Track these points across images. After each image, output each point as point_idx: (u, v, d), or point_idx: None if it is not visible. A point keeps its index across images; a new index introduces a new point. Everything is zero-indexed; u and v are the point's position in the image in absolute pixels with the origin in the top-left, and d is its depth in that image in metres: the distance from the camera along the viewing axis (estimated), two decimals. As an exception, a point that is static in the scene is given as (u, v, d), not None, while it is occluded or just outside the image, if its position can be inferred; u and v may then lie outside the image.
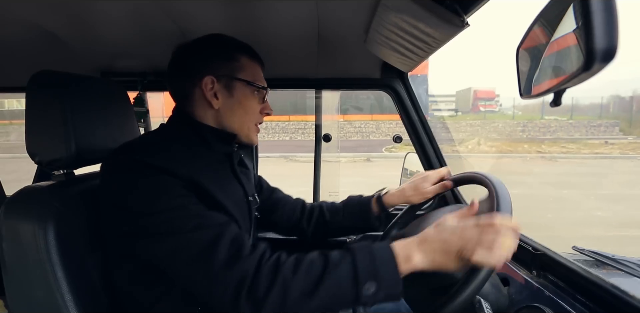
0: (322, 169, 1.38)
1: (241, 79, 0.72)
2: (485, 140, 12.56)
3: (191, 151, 0.69)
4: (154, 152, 0.62)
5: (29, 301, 0.63)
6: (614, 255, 0.75)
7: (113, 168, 0.63)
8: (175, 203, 0.58)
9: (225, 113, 0.73)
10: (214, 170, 0.71)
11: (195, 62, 0.71)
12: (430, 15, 0.67)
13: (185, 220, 0.57)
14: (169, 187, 0.59)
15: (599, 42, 0.30)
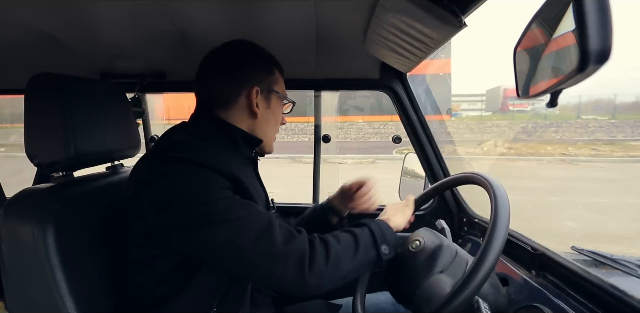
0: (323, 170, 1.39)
1: (278, 92, 0.77)
2: (502, 142, 11.92)
3: (223, 151, 0.70)
4: (192, 150, 0.63)
5: (29, 302, 0.64)
6: (612, 255, 0.75)
7: (154, 165, 0.63)
8: (223, 194, 0.60)
9: (261, 123, 0.76)
10: (243, 171, 0.72)
11: (243, 71, 0.73)
12: (428, 16, 0.67)
13: (237, 209, 0.59)
14: (214, 180, 0.60)
15: (593, 44, 0.30)
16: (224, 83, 0.73)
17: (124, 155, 0.86)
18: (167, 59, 1.16)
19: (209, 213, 0.58)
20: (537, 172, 8.30)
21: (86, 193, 0.72)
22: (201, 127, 0.73)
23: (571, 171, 8.48)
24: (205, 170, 0.60)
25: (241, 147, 0.74)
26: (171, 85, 1.29)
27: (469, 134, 14.25)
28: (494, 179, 0.69)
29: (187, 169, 0.60)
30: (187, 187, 0.59)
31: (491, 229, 0.58)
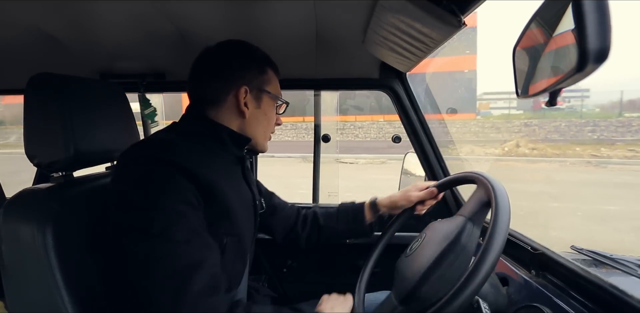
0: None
1: (269, 92, 0.76)
2: (525, 142, 11.09)
3: (208, 150, 0.69)
4: (172, 149, 0.62)
5: (28, 303, 0.64)
6: (612, 255, 0.75)
7: (126, 162, 0.63)
8: (178, 208, 0.57)
9: (251, 122, 0.75)
10: (227, 172, 0.72)
11: (233, 70, 0.72)
12: (427, 16, 0.67)
13: (181, 230, 0.56)
14: (178, 189, 0.58)
15: (592, 43, 0.30)
16: (213, 82, 0.72)
17: None
18: (167, 59, 1.16)
19: (149, 220, 0.56)
20: (553, 175, 7.91)
21: (86, 194, 0.72)
22: (189, 126, 0.73)
23: (594, 174, 7.87)
24: (172, 172, 0.59)
25: (229, 146, 0.73)
26: (171, 85, 1.29)
27: (494, 134, 13.57)
28: (494, 179, 0.69)
29: (155, 169, 0.59)
30: (145, 189, 0.58)
31: (491, 229, 0.58)
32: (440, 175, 1.23)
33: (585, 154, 9.97)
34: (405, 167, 1.40)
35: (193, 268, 0.55)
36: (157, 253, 0.55)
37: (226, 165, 0.73)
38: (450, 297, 0.55)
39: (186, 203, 0.58)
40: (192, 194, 0.60)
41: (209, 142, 0.71)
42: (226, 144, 0.73)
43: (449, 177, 0.84)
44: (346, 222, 0.94)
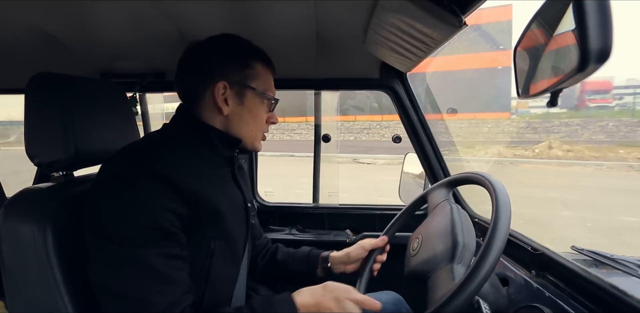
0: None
1: (253, 88, 0.71)
2: (560, 143, 10.13)
3: (195, 153, 0.68)
4: (154, 158, 0.61)
5: (29, 302, 0.64)
6: (612, 255, 0.75)
7: (107, 172, 0.62)
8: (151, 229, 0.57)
9: (233, 119, 0.72)
10: (216, 175, 0.70)
11: (210, 65, 0.69)
12: (428, 16, 0.67)
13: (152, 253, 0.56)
14: (156, 204, 0.57)
15: (594, 43, 0.30)
16: (191, 78, 0.70)
17: None
18: (167, 59, 1.16)
19: (121, 236, 0.56)
20: (581, 180, 7.07)
21: (86, 193, 0.72)
22: (177, 127, 0.71)
23: (631, 180, 7.07)
24: (152, 184, 0.57)
25: (218, 148, 0.71)
26: (171, 84, 1.28)
27: (530, 134, 12.67)
28: (494, 179, 0.69)
29: (133, 181, 0.58)
30: (122, 202, 0.57)
31: (492, 229, 0.58)
32: (441, 176, 1.23)
33: (630, 157, 8.77)
34: (406, 168, 1.40)
35: (155, 293, 0.56)
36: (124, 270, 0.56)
37: (214, 168, 0.70)
38: (450, 296, 0.55)
39: (162, 223, 0.57)
40: (172, 208, 0.58)
41: (197, 144, 0.69)
42: (215, 145, 0.70)
43: (451, 177, 0.84)
44: (299, 263, 0.89)
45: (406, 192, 1.38)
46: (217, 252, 0.66)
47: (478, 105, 13.39)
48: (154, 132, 0.73)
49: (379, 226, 1.34)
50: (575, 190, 6.22)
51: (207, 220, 0.64)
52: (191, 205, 0.61)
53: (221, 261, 0.68)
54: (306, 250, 0.91)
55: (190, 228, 0.62)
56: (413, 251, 0.75)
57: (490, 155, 9.73)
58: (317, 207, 1.41)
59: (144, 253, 0.56)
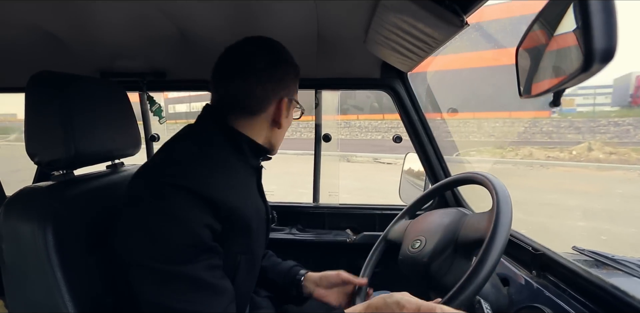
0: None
1: (297, 101, 0.73)
2: (601, 145, 9.29)
3: (226, 163, 0.65)
4: (191, 173, 0.59)
5: (29, 301, 0.63)
6: (613, 256, 0.75)
7: (142, 187, 0.60)
8: (191, 252, 0.56)
9: (280, 132, 0.73)
10: (245, 185, 0.68)
11: (280, 79, 0.68)
12: (430, 16, 0.67)
13: (195, 267, 0.56)
14: (196, 222, 0.56)
15: (598, 43, 0.30)
16: (258, 89, 0.66)
17: (125, 154, 0.86)
18: (167, 58, 1.16)
19: (165, 254, 0.55)
20: (615, 187, 6.37)
21: (87, 192, 0.71)
22: (207, 133, 0.68)
23: None
24: (191, 202, 0.56)
25: (247, 156, 0.69)
26: (172, 84, 1.29)
27: (573, 134, 11.91)
28: (495, 179, 0.69)
29: (172, 199, 0.56)
30: (163, 220, 0.55)
31: (493, 229, 0.58)
32: (441, 176, 1.23)
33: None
34: (406, 167, 1.40)
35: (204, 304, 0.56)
36: (174, 287, 0.55)
37: (243, 178, 0.69)
38: (450, 296, 0.55)
39: (202, 238, 0.57)
40: (209, 224, 0.57)
41: (227, 152, 0.67)
42: (244, 154, 0.69)
43: (452, 177, 0.84)
44: (278, 275, 0.88)
45: (406, 192, 1.38)
46: (242, 266, 0.66)
47: (513, 103, 12.20)
48: (180, 138, 0.68)
49: (379, 226, 1.34)
50: (604, 198, 5.63)
51: (237, 234, 0.63)
52: (225, 220, 0.59)
53: (244, 274, 0.67)
54: (289, 265, 0.90)
55: (222, 242, 0.61)
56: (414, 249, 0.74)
57: (520, 157, 9.05)
58: (317, 206, 1.41)
59: (190, 269, 0.55)
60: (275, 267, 0.89)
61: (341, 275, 0.83)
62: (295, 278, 0.86)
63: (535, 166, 8.49)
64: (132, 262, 0.57)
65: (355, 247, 1.27)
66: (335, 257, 1.30)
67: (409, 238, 0.78)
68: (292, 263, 0.91)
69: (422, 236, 0.74)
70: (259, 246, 0.73)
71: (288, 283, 0.86)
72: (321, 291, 0.84)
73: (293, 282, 0.86)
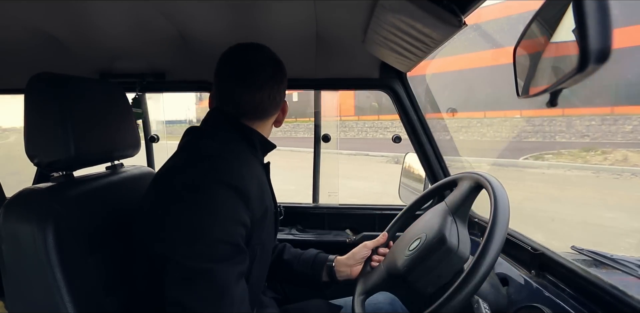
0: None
1: (285, 101, 0.79)
2: None
3: (248, 158, 0.70)
4: (225, 167, 0.63)
5: (28, 302, 0.64)
6: (612, 255, 0.75)
7: (179, 183, 0.61)
8: (233, 236, 0.59)
9: (273, 128, 0.80)
10: (261, 180, 0.72)
11: (283, 88, 0.76)
12: (428, 16, 0.67)
13: (232, 257, 0.58)
14: (237, 213, 0.59)
15: (593, 43, 0.30)
16: (272, 97, 0.73)
17: (124, 155, 0.86)
18: (166, 59, 1.16)
19: (209, 248, 0.57)
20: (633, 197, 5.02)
21: (86, 193, 0.72)
22: (222, 132, 0.70)
23: None
24: (230, 195, 0.59)
25: (258, 152, 0.74)
26: (171, 85, 1.29)
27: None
28: (493, 179, 0.69)
29: (214, 192, 0.59)
30: (206, 214, 0.57)
31: (490, 228, 0.58)
32: (440, 175, 1.23)
33: None
34: (405, 167, 1.40)
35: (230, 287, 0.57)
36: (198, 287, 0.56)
37: (259, 173, 0.72)
38: (448, 296, 0.55)
39: (235, 238, 0.59)
40: (243, 220, 0.60)
41: (243, 147, 0.71)
42: (257, 150, 0.73)
43: (451, 177, 0.84)
44: (305, 265, 0.89)
45: (406, 193, 1.38)
46: (258, 257, 0.68)
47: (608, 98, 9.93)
48: (198, 139, 0.70)
49: (379, 226, 1.34)
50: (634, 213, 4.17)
51: (260, 226, 0.66)
52: (253, 212, 0.62)
53: (259, 265, 0.69)
54: (313, 253, 0.91)
55: (249, 238, 0.63)
56: (410, 251, 0.74)
57: (610, 162, 7.21)
58: (317, 207, 1.41)
59: (220, 270, 0.57)
60: (299, 258, 0.91)
61: (367, 245, 0.88)
62: (325, 264, 0.88)
63: (625, 175, 6.24)
64: (162, 257, 0.58)
65: (355, 247, 1.27)
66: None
67: (405, 239, 0.79)
68: (314, 251, 0.93)
69: (423, 233, 0.74)
70: (271, 237, 0.76)
71: (318, 271, 0.87)
72: (357, 268, 0.87)
73: (323, 269, 0.87)
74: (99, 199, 0.74)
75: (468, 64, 11.26)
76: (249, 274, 0.66)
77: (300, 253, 0.92)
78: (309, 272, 0.88)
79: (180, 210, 0.59)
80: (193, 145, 0.69)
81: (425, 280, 0.68)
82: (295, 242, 1.29)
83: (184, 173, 0.62)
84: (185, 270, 0.56)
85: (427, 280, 0.68)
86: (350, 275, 0.86)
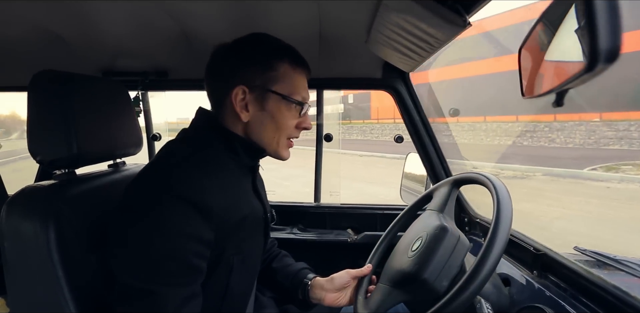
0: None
1: (276, 92, 0.65)
2: None
3: (220, 165, 0.64)
4: (184, 179, 0.57)
5: (30, 300, 0.64)
6: (615, 256, 0.75)
7: (137, 195, 0.59)
8: (181, 254, 0.56)
9: (254, 126, 0.67)
10: (239, 186, 0.68)
11: (230, 69, 0.65)
12: (432, 16, 0.67)
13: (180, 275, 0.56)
14: (190, 229, 0.56)
15: (603, 43, 0.30)
16: (214, 82, 0.68)
17: (126, 153, 0.86)
18: (169, 57, 1.16)
19: (153, 262, 0.55)
20: None
21: (88, 191, 0.72)
22: (200, 135, 0.68)
23: None
24: (185, 210, 0.55)
25: (241, 156, 0.67)
26: (174, 83, 1.29)
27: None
28: (496, 179, 0.68)
29: (166, 207, 0.55)
30: (156, 227, 0.55)
31: (493, 229, 0.58)
32: (442, 176, 1.23)
33: None
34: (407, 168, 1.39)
35: None
36: (138, 305, 0.55)
37: (237, 178, 0.68)
38: (451, 296, 0.55)
39: (186, 255, 0.56)
40: (199, 235, 0.57)
41: (220, 152, 0.66)
42: (238, 154, 0.67)
43: (452, 177, 0.84)
44: (286, 278, 0.85)
45: (407, 193, 1.38)
46: (236, 267, 0.65)
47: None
48: (177, 143, 0.68)
49: (380, 226, 1.34)
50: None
51: (229, 236, 0.62)
52: (217, 226, 0.59)
53: (238, 276, 0.66)
54: (298, 267, 0.87)
55: (215, 247, 0.60)
56: (413, 251, 0.73)
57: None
58: (319, 206, 1.41)
59: (164, 293, 0.54)
60: (284, 269, 0.87)
61: (350, 272, 0.80)
62: (302, 282, 0.83)
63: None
64: (115, 273, 0.57)
65: (357, 246, 1.27)
66: (337, 256, 1.30)
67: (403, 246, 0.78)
68: (301, 266, 0.88)
69: (423, 232, 0.74)
70: (256, 246, 0.72)
71: (295, 287, 0.83)
72: (332, 295, 0.79)
73: (299, 286, 0.82)
74: (101, 197, 0.74)
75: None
76: (227, 285, 0.64)
77: (288, 264, 0.89)
78: (288, 285, 0.84)
79: (127, 223, 0.57)
80: (165, 150, 0.66)
81: (438, 273, 0.65)
82: (297, 241, 1.29)
83: (137, 184, 0.60)
84: (127, 289, 0.55)
85: (440, 273, 0.65)
86: (323, 300, 0.80)
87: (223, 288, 0.64)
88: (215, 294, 0.63)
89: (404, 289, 0.68)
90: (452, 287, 0.57)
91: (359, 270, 0.81)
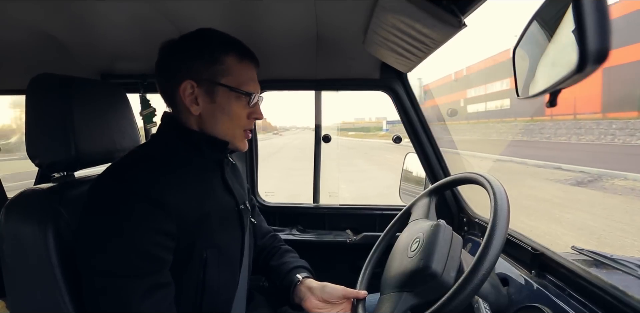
0: None
1: (224, 84, 0.67)
2: None
3: (181, 162, 0.66)
4: (137, 177, 0.60)
5: (30, 302, 0.64)
6: (612, 255, 0.75)
7: (95, 194, 0.61)
8: (135, 265, 0.57)
9: (207, 119, 0.68)
10: (204, 181, 0.69)
11: (177, 64, 0.66)
12: (428, 16, 0.67)
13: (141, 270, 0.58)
14: (147, 224, 0.58)
15: (592, 44, 0.30)
16: (163, 78, 0.69)
17: None
18: None
19: (113, 258, 0.57)
20: None
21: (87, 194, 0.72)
22: (162, 136, 0.70)
23: None
24: (139, 205, 0.58)
25: (205, 152, 0.69)
26: None
27: None
28: (493, 179, 0.69)
29: (121, 202, 0.58)
30: (113, 224, 0.57)
31: (490, 229, 0.58)
32: (441, 176, 1.23)
33: None
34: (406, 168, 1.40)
35: None
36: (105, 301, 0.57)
37: (202, 174, 0.69)
38: (449, 296, 0.55)
39: (150, 249, 0.58)
40: (161, 229, 0.59)
41: (183, 151, 0.68)
42: (201, 150, 0.69)
43: (451, 177, 0.84)
44: (278, 275, 0.84)
45: (406, 193, 1.38)
46: (210, 261, 0.66)
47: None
48: (141, 145, 0.73)
49: (379, 226, 1.34)
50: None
51: (197, 230, 0.64)
52: (179, 220, 0.61)
53: (216, 270, 0.67)
54: (291, 266, 0.85)
55: (181, 240, 0.62)
56: (413, 251, 0.73)
57: None
58: (318, 207, 1.41)
59: (123, 285, 0.56)
60: (279, 267, 0.86)
61: (345, 290, 0.76)
62: (293, 280, 0.80)
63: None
64: (80, 267, 0.59)
65: (356, 247, 1.27)
66: (336, 257, 1.30)
67: (404, 241, 0.78)
68: (296, 264, 0.86)
69: (420, 232, 0.74)
70: (232, 239, 0.72)
71: (285, 286, 0.81)
72: (314, 302, 0.76)
73: (290, 286, 0.80)
74: None
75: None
76: (203, 280, 0.65)
77: (284, 262, 0.87)
78: (279, 283, 0.83)
79: (88, 221, 0.59)
80: (134, 149, 0.70)
81: (445, 263, 0.64)
82: (296, 242, 1.29)
83: (97, 182, 0.62)
84: (92, 285, 0.57)
85: (446, 264, 0.64)
86: (303, 301, 0.76)
87: (200, 283, 0.65)
88: (191, 288, 0.64)
89: (414, 290, 0.65)
90: (458, 277, 0.57)
91: (355, 291, 0.77)
